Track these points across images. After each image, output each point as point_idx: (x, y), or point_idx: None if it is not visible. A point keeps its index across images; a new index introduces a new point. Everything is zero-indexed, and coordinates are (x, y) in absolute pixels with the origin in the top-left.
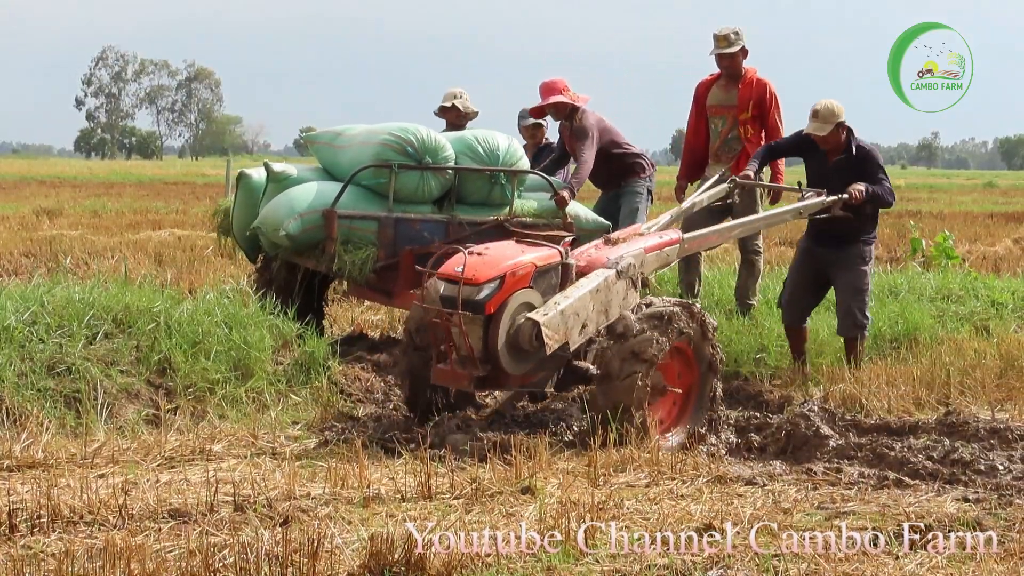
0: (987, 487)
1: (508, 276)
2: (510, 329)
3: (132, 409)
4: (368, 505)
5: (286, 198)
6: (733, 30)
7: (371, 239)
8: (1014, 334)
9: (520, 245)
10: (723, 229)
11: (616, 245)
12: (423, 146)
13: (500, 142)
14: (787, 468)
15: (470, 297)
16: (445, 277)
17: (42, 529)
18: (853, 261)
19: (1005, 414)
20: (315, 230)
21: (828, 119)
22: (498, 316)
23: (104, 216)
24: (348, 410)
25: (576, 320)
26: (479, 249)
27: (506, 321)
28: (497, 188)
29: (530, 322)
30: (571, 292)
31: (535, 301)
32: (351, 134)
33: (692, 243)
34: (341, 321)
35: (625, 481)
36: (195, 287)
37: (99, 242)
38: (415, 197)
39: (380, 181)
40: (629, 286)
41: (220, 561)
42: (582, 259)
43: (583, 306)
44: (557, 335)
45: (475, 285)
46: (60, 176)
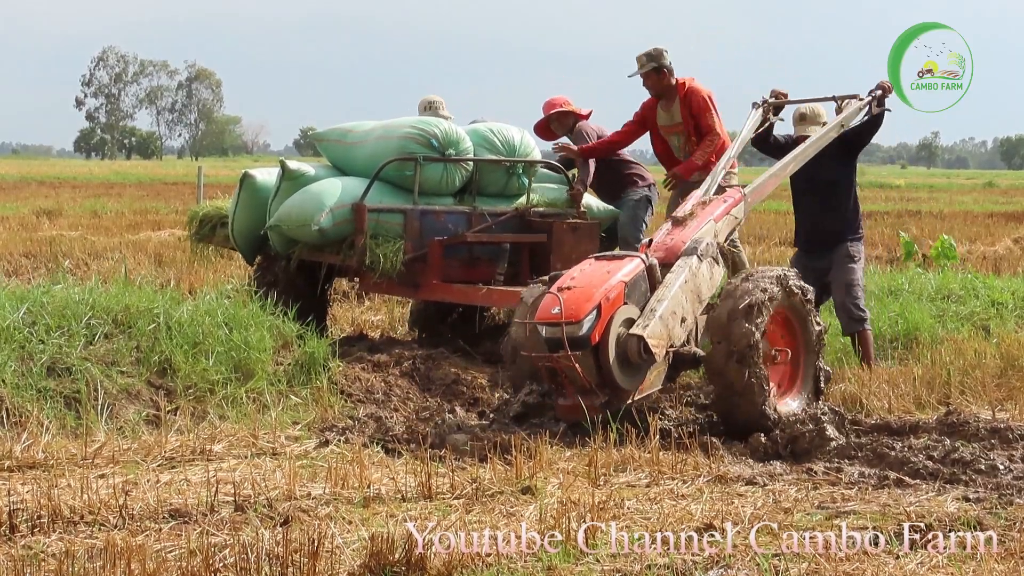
0: (988, 487)
1: (603, 303)
2: (617, 350)
3: (132, 409)
4: (368, 505)
5: (312, 194)
6: (646, 52)
7: (398, 232)
8: (1014, 334)
9: (600, 263)
10: (777, 171)
11: (685, 225)
12: (447, 139)
13: (514, 134)
14: (787, 468)
15: (574, 335)
16: (544, 321)
17: (42, 529)
18: (842, 260)
19: (1005, 414)
20: (345, 224)
21: (815, 120)
22: (604, 342)
23: (104, 217)
24: (348, 410)
25: (674, 318)
26: (566, 283)
27: (612, 344)
28: (514, 179)
29: (635, 338)
30: (663, 294)
31: (633, 315)
32: (362, 130)
33: (754, 194)
34: (341, 321)
35: (625, 481)
36: (195, 287)
37: (99, 243)
38: (438, 189)
39: (405, 174)
40: (712, 265)
41: (220, 561)
42: (660, 251)
43: (678, 303)
44: (662, 340)
45: (576, 322)
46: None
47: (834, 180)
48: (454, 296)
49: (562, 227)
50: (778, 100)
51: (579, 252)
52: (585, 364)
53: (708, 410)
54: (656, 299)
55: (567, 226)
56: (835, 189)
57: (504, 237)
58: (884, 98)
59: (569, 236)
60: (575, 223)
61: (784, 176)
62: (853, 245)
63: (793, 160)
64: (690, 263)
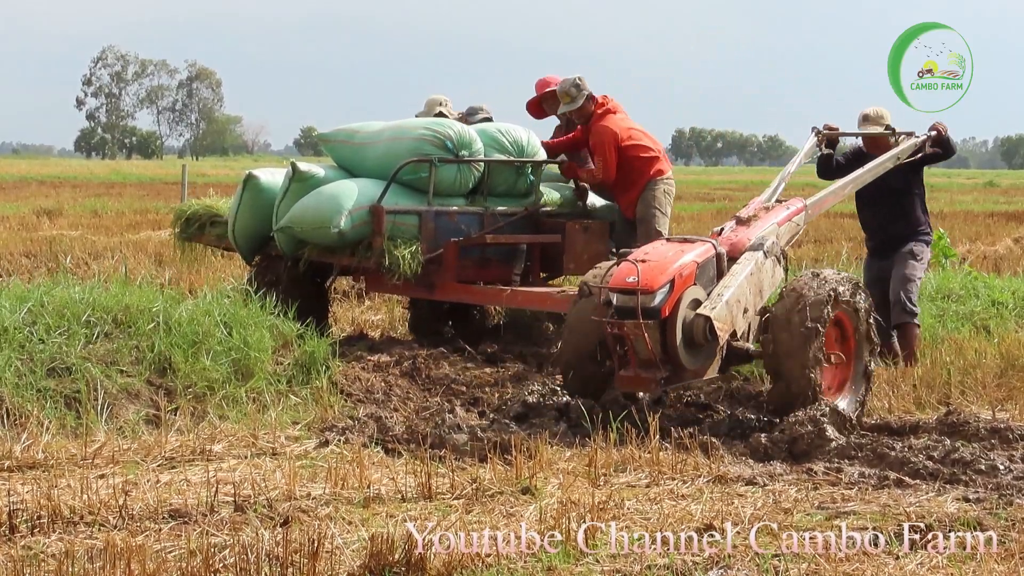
0: (988, 487)
1: (677, 278)
2: (684, 328)
3: (132, 409)
4: (368, 505)
5: (328, 196)
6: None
7: (414, 233)
8: (1014, 333)
9: (673, 244)
10: (836, 189)
11: (750, 224)
12: (460, 140)
13: (522, 134)
14: (787, 468)
15: (647, 304)
16: (617, 288)
17: (42, 529)
18: (904, 257)
19: (1006, 414)
20: (363, 226)
21: (878, 122)
22: (672, 317)
23: (104, 216)
24: (348, 410)
25: (739, 307)
26: (639, 256)
27: (680, 321)
28: (522, 179)
29: (702, 318)
30: (730, 281)
31: (700, 296)
32: (370, 131)
33: (814, 207)
34: (342, 321)
35: (625, 481)
36: (195, 287)
37: (99, 242)
38: (452, 190)
39: (420, 176)
40: (775, 263)
41: (220, 562)
42: (725, 244)
43: (743, 292)
44: (726, 325)
45: (650, 293)
46: (60, 176)
47: (902, 189)
48: (473, 297)
49: (575, 227)
50: (831, 133)
51: (590, 252)
52: (652, 336)
53: (708, 410)
54: (723, 285)
55: (579, 226)
56: (903, 198)
57: (521, 238)
58: (939, 139)
59: (581, 236)
60: (587, 223)
61: (843, 196)
62: (917, 245)
63: (852, 182)
64: (756, 257)
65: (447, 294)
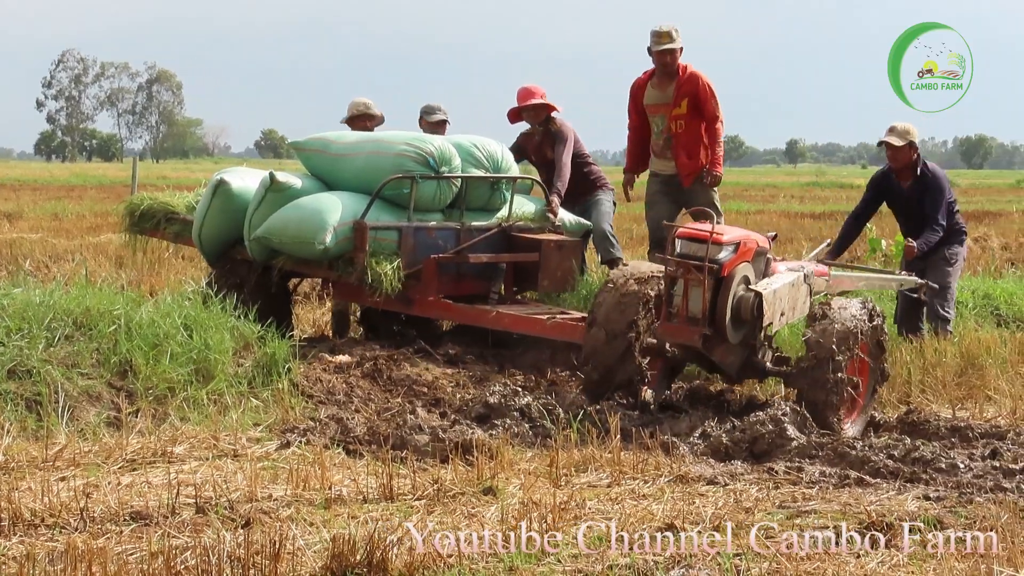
0: (948, 485)
1: (743, 244)
2: (734, 296)
3: (93, 412)
4: (330, 507)
5: (311, 211)
6: (673, 27)
7: (393, 248)
8: (974, 332)
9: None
10: (854, 278)
11: (784, 260)
12: (441, 157)
13: (495, 148)
14: (748, 467)
15: (713, 255)
16: (688, 236)
17: (3, 532)
18: (938, 263)
19: (965, 412)
20: (346, 242)
21: (903, 136)
22: (728, 281)
23: (65, 219)
24: (310, 412)
25: (780, 304)
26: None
27: (733, 287)
28: (496, 194)
29: (753, 292)
30: (777, 279)
31: (752, 277)
32: (346, 143)
33: (835, 281)
34: (303, 322)
35: (587, 481)
36: (156, 289)
37: (60, 245)
38: (431, 206)
39: (402, 192)
40: (808, 293)
41: (182, 563)
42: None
43: (786, 294)
44: (770, 311)
45: (719, 244)
46: (20, 179)
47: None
48: (453, 315)
49: (550, 245)
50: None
51: (563, 269)
52: (710, 287)
53: (669, 410)
54: (771, 279)
55: (555, 244)
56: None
57: (502, 257)
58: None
59: (556, 254)
60: (562, 241)
61: (857, 286)
62: (950, 248)
63: (865, 279)
64: (799, 274)
65: (425, 310)
